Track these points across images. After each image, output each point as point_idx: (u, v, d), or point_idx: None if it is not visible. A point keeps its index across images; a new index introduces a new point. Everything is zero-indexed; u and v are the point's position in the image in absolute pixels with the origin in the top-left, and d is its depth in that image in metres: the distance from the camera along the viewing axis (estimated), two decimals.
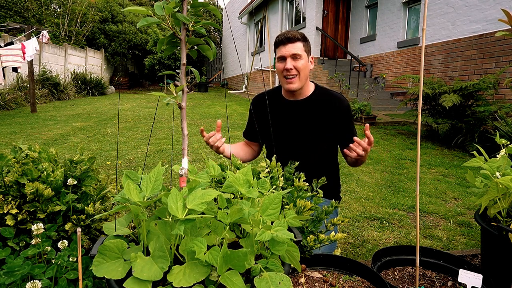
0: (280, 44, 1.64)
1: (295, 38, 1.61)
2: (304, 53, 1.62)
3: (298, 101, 1.72)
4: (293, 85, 1.63)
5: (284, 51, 1.61)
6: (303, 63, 1.62)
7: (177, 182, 0.82)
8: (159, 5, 0.76)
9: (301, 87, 1.67)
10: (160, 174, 0.79)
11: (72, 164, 1.16)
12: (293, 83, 1.63)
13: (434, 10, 7.35)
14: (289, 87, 1.64)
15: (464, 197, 3.40)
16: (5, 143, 5.12)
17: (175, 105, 0.82)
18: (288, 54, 1.60)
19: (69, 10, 14.23)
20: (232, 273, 0.65)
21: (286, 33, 1.64)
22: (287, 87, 1.65)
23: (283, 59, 1.63)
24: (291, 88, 1.64)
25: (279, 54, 1.64)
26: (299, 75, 1.62)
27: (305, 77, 1.66)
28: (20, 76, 9.59)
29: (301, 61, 1.61)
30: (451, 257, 1.17)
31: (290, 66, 1.60)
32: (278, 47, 1.65)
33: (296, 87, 1.64)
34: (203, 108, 9.75)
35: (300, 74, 1.62)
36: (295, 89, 1.65)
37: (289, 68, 1.60)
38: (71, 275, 0.90)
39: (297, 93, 1.71)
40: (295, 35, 1.62)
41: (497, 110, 4.84)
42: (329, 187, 1.52)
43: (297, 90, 1.67)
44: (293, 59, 1.60)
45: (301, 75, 1.63)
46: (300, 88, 1.67)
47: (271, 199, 0.77)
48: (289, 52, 1.60)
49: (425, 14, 0.89)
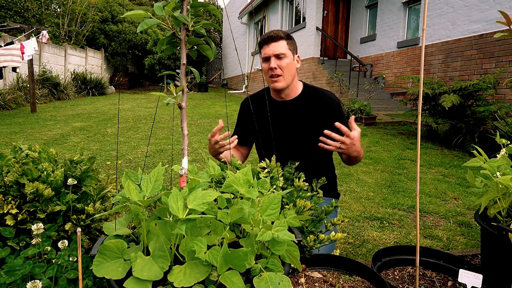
0: (264, 44, 1.63)
1: (278, 37, 1.59)
2: (288, 51, 1.60)
3: (287, 102, 1.72)
4: (278, 84, 1.62)
5: (267, 50, 1.60)
6: (288, 61, 1.60)
7: (177, 182, 0.83)
8: (158, 5, 0.76)
9: (287, 86, 1.66)
10: (160, 174, 0.79)
11: (72, 164, 1.16)
12: (278, 81, 1.62)
13: (434, 10, 7.35)
14: (274, 86, 1.63)
15: (464, 197, 3.40)
16: (5, 143, 5.12)
17: (175, 105, 0.82)
18: (272, 53, 1.59)
19: (69, 10, 14.23)
20: (232, 273, 0.65)
21: (269, 32, 1.63)
22: (273, 86, 1.65)
23: (267, 59, 1.62)
24: (276, 87, 1.63)
25: (263, 54, 1.63)
26: (284, 74, 1.61)
27: (290, 76, 1.64)
28: (20, 76, 9.59)
29: (285, 59, 1.59)
30: (451, 257, 1.17)
31: (274, 65, 1.58)
32: (262, 47, 1.64)
33: (282, 86, 1.63)
34: (203, 108, 9.75)
35: (284, 73, 1.60)
36: (281, 88, 1.64)
37: (273, 67, 1.59)
38: (71, 274, 0.90)
39: (285, 93, 1.70)
40: (278, 33, 1.60)
41: (497, 110, 4.84)
42: (326, 185, 1.52)
43: (283, 90, 1.66)
44: (277, 58, 1.59)
45: (286, 74, 1.61)
46: (286, 87, 1.66)
47: (271, 199, 0.77)
48: (272, 51, 1.59)
49: (425, 14, 0.89)
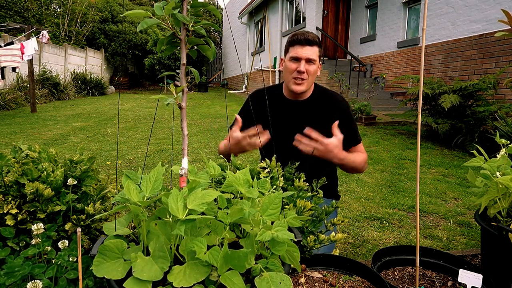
0: (298, 43, 1.58)
1: (314, 42, 1.57)
2: (317, 59, 1.60)
3: (299, 101, 1.72)
4: (301, 87, 1.62)
5: (300, 52, 1.57)
6: (315, 68, 1.60)
7: (177, 182, 0.82)
8: (158, 5, 0.76)
9: (307, 90, 1.67)
10: (160, 174, 0.79)
11: (72, 164, 1.16)
12: (301, 85, 1.61)
13: (434, 10, 7.35)
14: (297, 88, 1.62)
15: (464, 197, 3.40)
16: (5, 143, 5.12)
17: (175, 105, 0.82)
18: (305, 57, 1.56)
19: (69, 10, 14.22)
20: (232, 273, 0.65)
21: (305, 33, 1.58)
22: (295, 89, 1.63)
23: (297, 60, 1.59)
24: (299, 90, 1.63)
25: (294, 53, 1.59)
26: (309, 79, 1.61)
27: (312, 82, 1.66)
28: (20, 76, 9.59)
29: (313, 66, 1.59)
30: (451, 257, 1.17)
31: (303, 69, 1.57)
32: (293, 46, 1.60)
33: (303, 90, 1.63)
34: (203, 108, 9.75)
35: (309, 78, 1.61)
36: (302, 91, 1.64)
37: (302, 71, 1.57)
38: (71, 274, 0.90)
39: (300, 95, 1.71)
40: (314, 38, 1.58)
41: (497, 110, 4.84)
42: (328, 186, 1.52)
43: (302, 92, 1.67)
44: (307, 63, 1.58)
45: (310, 80, 1.62)
46: (305, 91, 1.67)
47: (271, 199, 0.77)
48: (306, 54, 1.56)
49: (425, 14, 0.89)
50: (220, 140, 5.70)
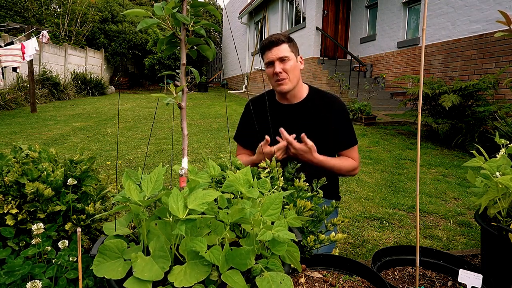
0: (266, 49, 1.63)
1: (279, 41, 1.59)
2: (291, 54, 1.60)
3: (293, 105, 1.71)
4: (284, 87, 1.62)
5: (270, 55, 1.60)
6: (292, 64, 1.60)
7: (177, 182, 0.83)
8: (158, 5, 0.76)
9: (293, 88, 1.66)
10: (161, 174, 0.79)
11: (72, 164, 1.16)
12: (284, 84, 1.62)
13: (434, 10, 7.35)
14: (281, 88, 1.63)
15: (464, 197, 3.40)
16: (5, 143, 5.12)
17: (175, 105, 0.82)
18: (275, 58, 1.59)
19: (69, 10, 14.23)
20: (233, 272, 0.65)
21: (269, 37, 1.63)
22: (279, 89, 1.64)
23: (271, 64, 1.62)
24: (283, 90, 1.63)
25: (266, 59, 1.63)
26: (289, 76, 1.61)
27: (296, 78, 1.64)
28: (20, 76, 9.60)
29: (289, 62, 1.59)
30: (451, 257, 1.17)
31: (279, 69, 1.58)
32: (264, 53, 1.64)
33: (288, 89, 1.63)
34: (203, 108, 9.75)
35: (290, 75, 1.61)
36: (287, 90, 1.63)
37: (278, 71, 1.59)
38: (71, 274, 0.90)
39: (290, 96, 1.69)
40: (278, 37, 1.60)
41: (497, 110, 4.84)
42: (329, 187, 1.51)
43: (289, 92, 1.66)
44: (281, 62, 1.59)
45: (291, 76, 1.61)
46: (292, 90, 1.65)
47: (272, 199, 0.77)
48: (275, 55, 1.59)
49: (425, 14, 0.89)
50: (220, 140, 5.70)
